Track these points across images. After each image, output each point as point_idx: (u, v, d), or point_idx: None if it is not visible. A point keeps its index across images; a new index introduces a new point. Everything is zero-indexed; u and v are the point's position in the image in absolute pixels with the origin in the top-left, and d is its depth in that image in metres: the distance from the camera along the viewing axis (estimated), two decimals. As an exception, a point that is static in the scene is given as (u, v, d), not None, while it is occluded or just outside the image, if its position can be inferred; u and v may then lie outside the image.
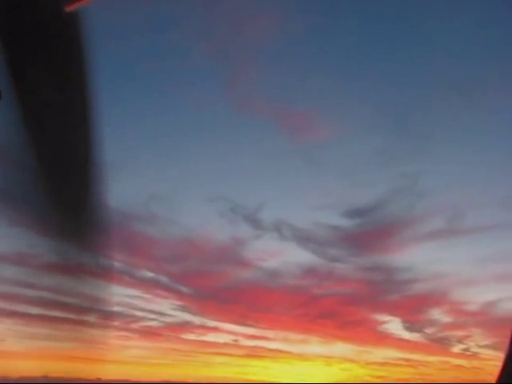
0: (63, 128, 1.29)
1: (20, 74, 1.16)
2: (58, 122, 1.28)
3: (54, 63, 1.24)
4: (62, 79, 1.25)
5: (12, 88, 1.15)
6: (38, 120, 1.25)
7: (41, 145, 1.26)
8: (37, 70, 1.21)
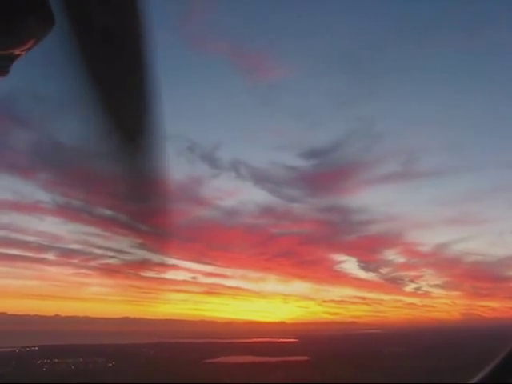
0: (118, 57, 1.28)
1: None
2: (112, 54, 1.27)
3: None
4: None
5: (64, 12, 1.12)
6: (93, 48, 1.24)
7: (97, 72, 1.25)
8: None
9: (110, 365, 50.07)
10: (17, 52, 1.05)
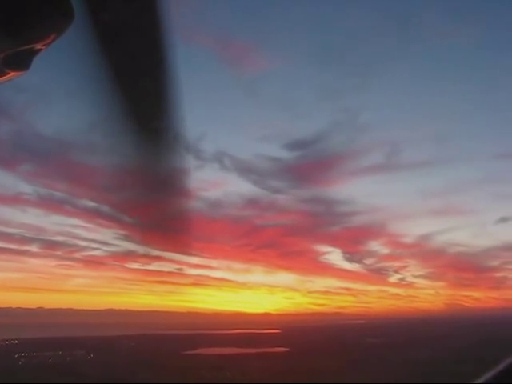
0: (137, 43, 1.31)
1: None
2: (131, 42, 1.30)
3: None
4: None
5: (84, 6, 1.14)
6: (113, 41, 1.25)
7: (115, 60, 1.27)
8: None
9: (89, 357, 49.96)
10: (37, 46, 1.06)
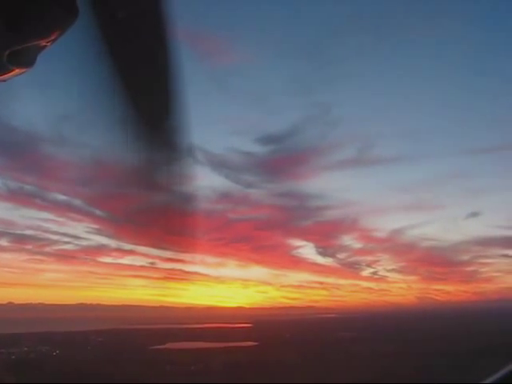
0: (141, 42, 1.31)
1: None
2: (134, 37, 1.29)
3: None
4: None
5: (88, 3, 1.14)
6: (117, 38, 1.25)
7: (120, 60, 1.27)
8: None
9: (54, 353, 49.17)
10: (42, 43, 1.07)
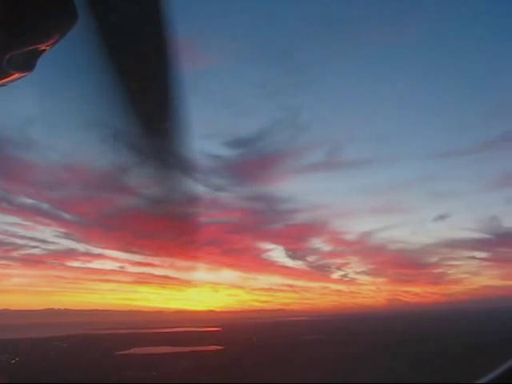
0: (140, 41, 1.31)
1: None
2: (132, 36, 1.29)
3: None
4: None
5: (87, 6, 1.14)
6: (115, 34, 1.25)
7: (119, 59, 1.26)
8: None
9: (13, 361, 47.98)
10: (42, 47, 1.06)
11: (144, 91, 1.39)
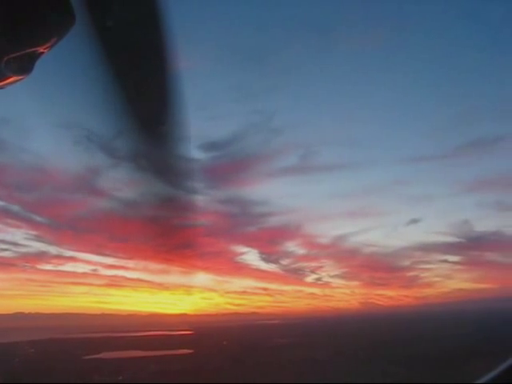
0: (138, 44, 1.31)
1: None
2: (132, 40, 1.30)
3: None
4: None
5: (85, 8, 1.14)
6: (112, 37, 1.25)
7: (117, 62, 1.27)
8: None
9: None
10: (39, 50, 1.06)
11: (141, 94, 1.41)
